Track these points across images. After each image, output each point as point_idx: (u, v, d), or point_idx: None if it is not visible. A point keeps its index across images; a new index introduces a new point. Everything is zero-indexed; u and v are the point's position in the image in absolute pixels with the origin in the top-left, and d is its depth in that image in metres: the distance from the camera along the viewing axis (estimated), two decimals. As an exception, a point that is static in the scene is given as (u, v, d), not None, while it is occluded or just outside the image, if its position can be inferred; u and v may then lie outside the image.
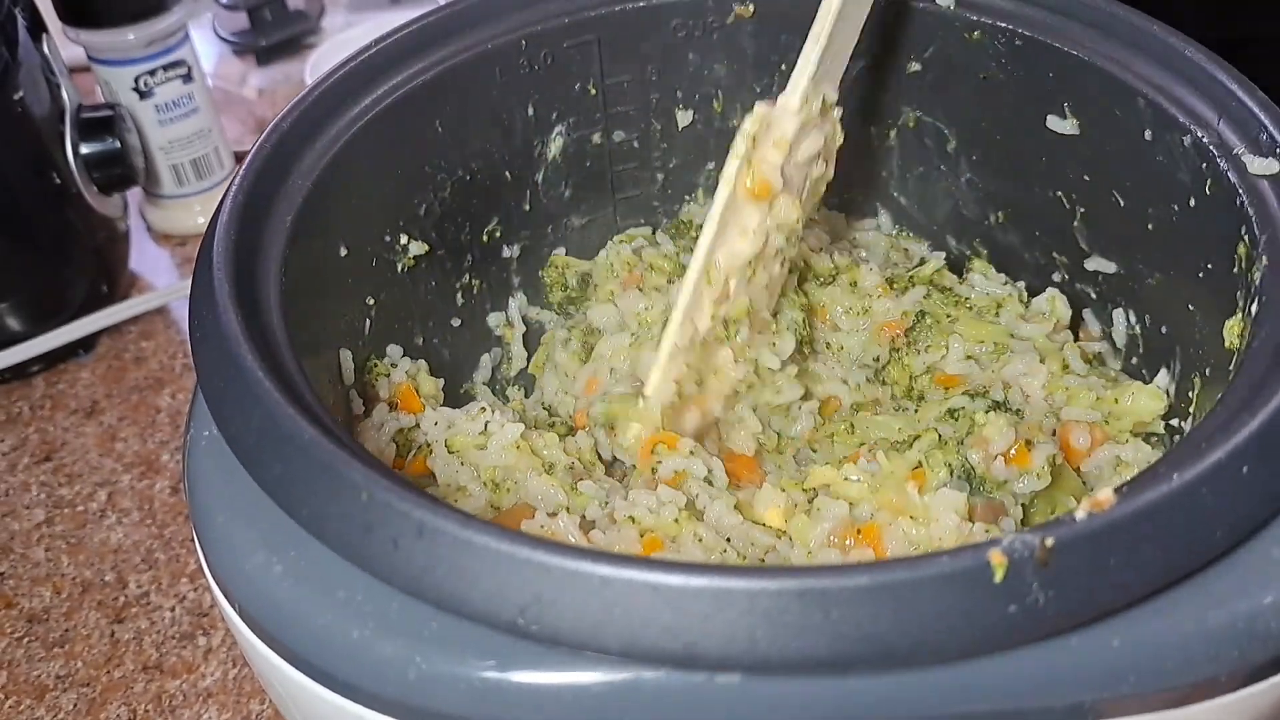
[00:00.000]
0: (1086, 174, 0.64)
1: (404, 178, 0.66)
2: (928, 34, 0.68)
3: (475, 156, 0.69)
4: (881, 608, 0.37)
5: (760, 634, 0.37)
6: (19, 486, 0.86)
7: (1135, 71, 0.59)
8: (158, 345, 0.97)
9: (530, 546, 0.38)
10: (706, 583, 0.37)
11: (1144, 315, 0.64)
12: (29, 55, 0.86)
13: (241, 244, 0.52)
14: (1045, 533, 0.37)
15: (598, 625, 0.38)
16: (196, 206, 1.08)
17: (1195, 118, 0.56)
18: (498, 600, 0.38)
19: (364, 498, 0.41)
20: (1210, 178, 0.55)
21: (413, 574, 0.40)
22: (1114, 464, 0.59)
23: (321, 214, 0.58)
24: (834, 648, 0.37)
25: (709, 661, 0.37)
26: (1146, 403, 0.58)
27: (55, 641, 0.75)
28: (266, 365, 0.46)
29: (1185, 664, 0.39)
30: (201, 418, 0.49)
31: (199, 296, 0.50)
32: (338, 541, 0.41)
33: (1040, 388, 0.62)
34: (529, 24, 0.67)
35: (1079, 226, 0.66)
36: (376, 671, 0.41)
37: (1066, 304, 0.67)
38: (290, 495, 0.43)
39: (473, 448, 0.59)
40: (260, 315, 0.49)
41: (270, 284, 0.52)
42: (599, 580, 0.38)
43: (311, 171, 0.58)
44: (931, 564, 0.37)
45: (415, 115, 0.64)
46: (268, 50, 1.33)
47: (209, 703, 0.71)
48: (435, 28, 0.65)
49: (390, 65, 0.63)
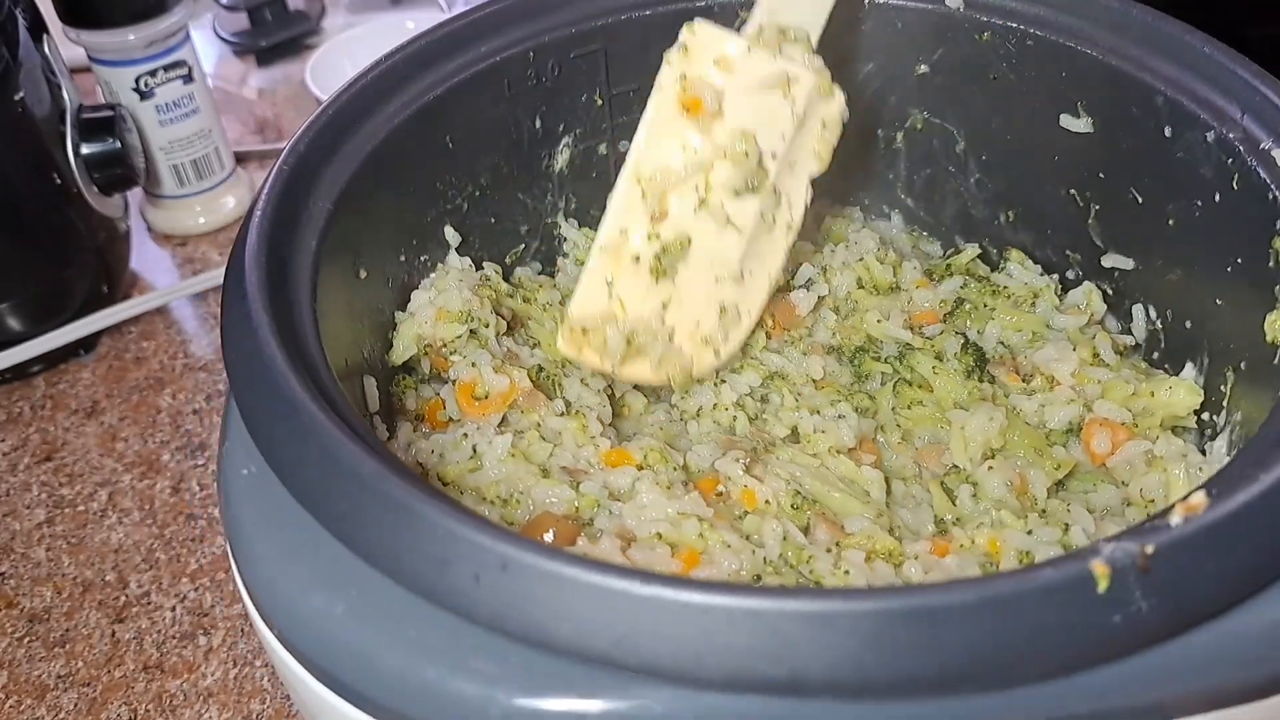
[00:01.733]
0: (1101, 172, 0.65)
1: (417, 195, 0.64)
2: (936, 36, 0.68)
3: (485, 172, 0.68)
4: (987, 624, 0.36)
5: (866, 657, 0.36)
6: (20, 486, 0.85)
7: (1151, 69, 0.60)
8: (158, 345, 0.96)
9: (624, 578, 0.37)
10: (809, 606, 0.36)
11: (1165, 311, 0.64)
12: (30, 55, 0.85)
13: (272, 271, 0.50)
14: (1144, 539, 0.37)
15: (698, 654, 0.37)
16: (197, 207, 1.06)
17: (1217, 113, 0.57)
18: (590, 633, 0.37)
19: (440, 533, 0.39)
20: (1237, 173, 0.55)
21: (497, 609, 0.38)
22: (1146, 459, 0.59)
23: (343, 237, 0.56)
24: (941, 667, 0.36)
25: (815, 687, 0.36)
26: (1183, 397, 0.59)
27: (56, 641, 0.75)
28: (318, 399, 0.44)
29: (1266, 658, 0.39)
30: (237, 454, 0.48)
31: (235, 331, 0.48)
32: (412, 579, 0.40)
33: (1070, 374, 0.62)
34: (536, 36, 0.66)
35: (1093, 224, 0.67)
36: (456, 711, 0.39)
37: (1101, 298, 0.68)
38: (358, 534, 0.41)
39: (466, 474, 0.58)
40: (301, 346, 0.48)
41: (304, 313, 0.50)
42: (699, 609, 0.37)
43: (331, 194, 0.56)
44: (1036, 577, 0.37)
45: (426, 132, 0.63)
46: (268, 51, 1.32)
47: (210, 702, 0.70)
48: (443, 42, 0.64)
49: (400, 82, 0.62)
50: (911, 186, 0.75)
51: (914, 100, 0.71)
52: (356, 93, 0.60)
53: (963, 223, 0.75)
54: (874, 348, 0.66)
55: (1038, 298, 0.68)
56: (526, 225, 0.72)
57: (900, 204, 0.76)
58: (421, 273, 0.66)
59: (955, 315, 0.68)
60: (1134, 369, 0.64)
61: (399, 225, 0.63)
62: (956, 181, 0.73)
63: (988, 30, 0.66)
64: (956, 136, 0.71)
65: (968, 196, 0.73)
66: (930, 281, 0.70)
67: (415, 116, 0.62)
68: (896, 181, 0.75)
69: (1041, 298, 0.68)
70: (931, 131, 0.72)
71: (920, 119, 0.72)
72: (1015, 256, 0.71)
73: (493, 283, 0.67)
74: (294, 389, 0.44)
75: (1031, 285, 0.68)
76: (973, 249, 0.72)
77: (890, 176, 0.75)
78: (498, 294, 0.67)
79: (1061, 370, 0.62)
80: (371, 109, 0.60)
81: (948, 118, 0.71)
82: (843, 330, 0.68)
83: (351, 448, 0.42)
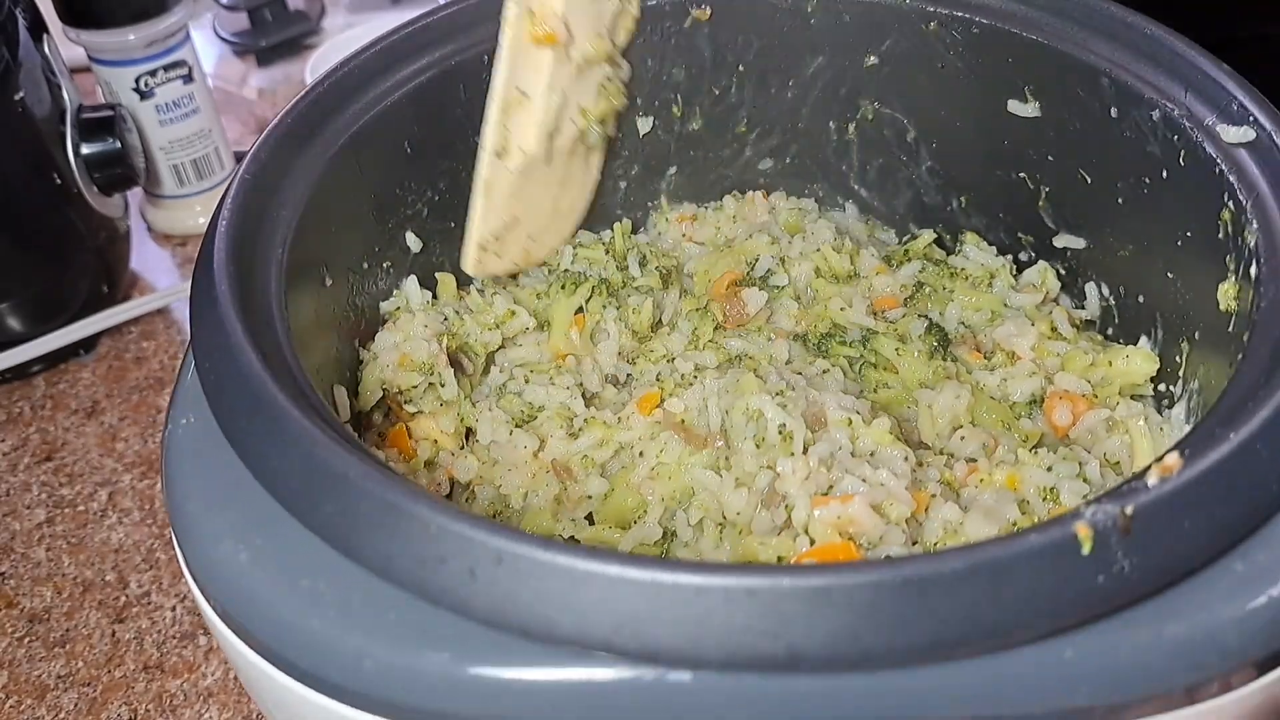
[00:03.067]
0: (1050, 154, 0.66)
1: (377, 203, 0.64)
2: (884, 27, 0.69)
3: (443, 176, 0.68)
4: (978, 590, 0.37)
5: (862, 628, 0.37)
6: (20, 486, 0.85)
7: (1095, 52, 0.61)
8: (158, 345, 0.96)
9: (619, 563, 0.38)
10: (804, 583, 0.37)
11: (1117, 287, 0.66)
12: (30, 55, 0.84)
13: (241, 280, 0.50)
14: (1122, 501, 0.38)
15: (697, 637, 0.37)
16: (197, 207, 1.06)
17: (1161, 92, 0.58)
18: (589, 621, 0.38)
19: (432, 530, 0.39)
20: (1183, 149, 0.57)
21: (493, 603, 0.39)
22: (1106, 424, 0.60)
23: (307, 245, 0.56)
24: (936, 634, 0.37)
25: (813, 662, 0.37)
26: (1140, 365, 0.60)
27: (56, 641, 0.74)
28: (299, 404, 0.44)
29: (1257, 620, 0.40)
30: (187, 479, 0.47)
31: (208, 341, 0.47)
32: (405, 577, 0.40)
33: (1029, 349, 0.63)
34: (490, 38, 0.66)
35: (1044, 205, 0.68)
36: (464, 700, 0.39)
37: (1055, 276, 0.69)
38: (347, 534, 0.41)
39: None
40: (277, 354, 0.48)
41: (276, 320, 0.50)
42: (694, 590, 0.37)
43: (294, 202, 0.56)
44: (1021, 542, 0.37)
45: (384, 138, 0.63)
46: (268, 51, 1.32)
47: (210, 702, 0.70)
48: (398, 47, 0.64)
49: (356, 88, 0.62)
50: (865, 176, 0.76)
51: (864, 91, 0.72)
52: (314, 99, 0.60)
53: (916, 210, 0.76)
54: (839, 333, 0.67)
55: (994, 278, 0.69)
56: (486, 229, 0.72)
57: (854, 194, 0.77)
58: (385, 279, 0.66)
59: (915, 299, 0.69)
60: (1091, 340, 0.65)
61: (361, 232, 0.63)
62: (909, 170, 0.74)
63: (934, 20, 0.67)
64: (907, 126, 0.72)
65: (920, 184, 0.74)
66: (889, 267, 0.71)
67: (372, 122, 0.62)
68: (850, 172, 0.76)
69: (998, 278, 0.69)
70: (882, 122, 0.73)
71: (871, 110, 0.73)
72: (970, 239, 0.72)
73: (450, 323, 0.67)
74: (273, 392, 0.44)
75: (988, 266, 0.70)
76: (928, 234, 0.73)
77: (844, 167, 0.76)
78: (457, 337, 0.66)
79: (1021, 345, 0.64)
80: (329, 115, 0.60)
81: (898, 107, 0.72)
82: (806, 318, 0.69)
83: (338, 450, 0.42)
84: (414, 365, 0.63)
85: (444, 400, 0.63)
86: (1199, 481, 0.39)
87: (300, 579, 0.41)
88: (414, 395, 0.63)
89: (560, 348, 0.67)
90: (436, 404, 0.63)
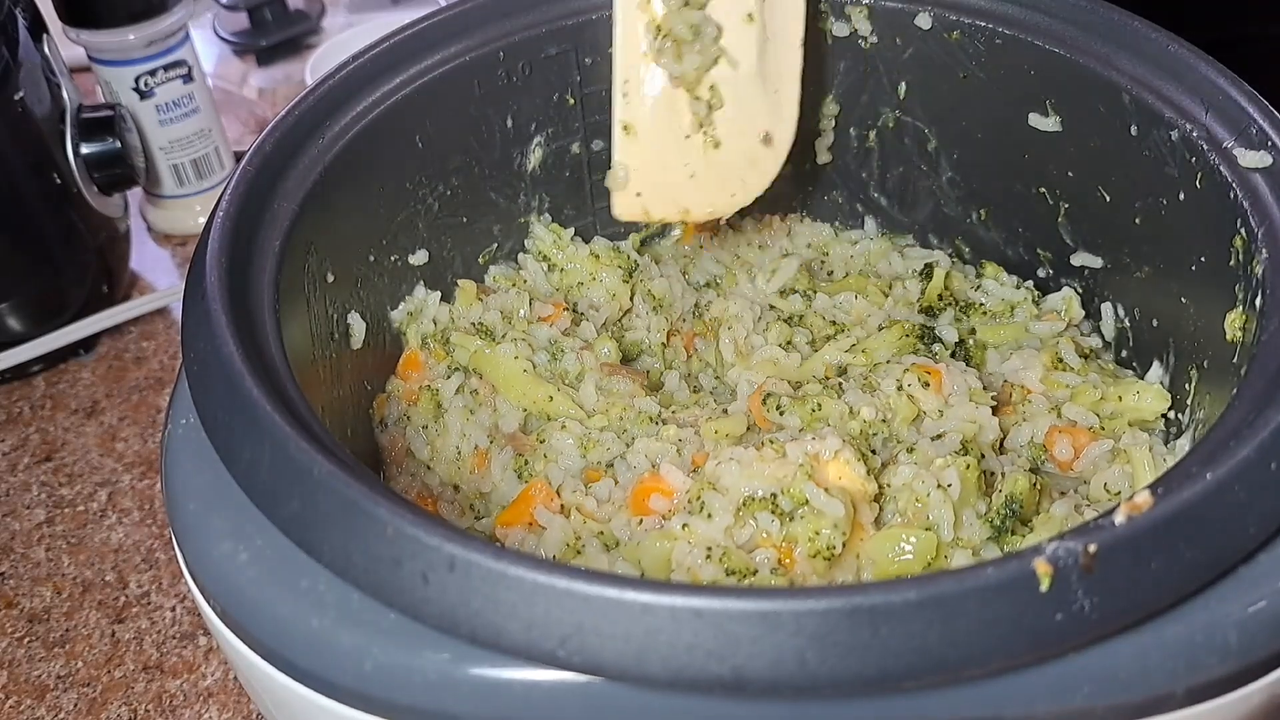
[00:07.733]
0: (1070, 170, 0.65)
1: (387, 195, 0.64)
2: (906, 36, 0.68)
3: (456, 171, 0.68)
4: (930, 622, 0.36)
5: (809, 655, 0.36)
6: (19, 486, 0.86)
7: (1118, 68, 0.60)
8: (158, 345, 0.97)
9: (569, 576, 0.37)
10: (752, 605, 0.36)
11: (1133, 309, 0.64)
12: (29, 55, 0.85)
13: (234, 272, 0.50)
14: (1087, 539, 0.37)
15: (641, 653, 0.37)
16: (197, 206, 1.07)
17: (1182, 112, 0.57)
18: (536, 632, 0.38)
19: (389, 532, 0.40)
20: (1201, 171, 0.55)
21: (445, 608, 0.39)
22: (1110, 455, 0.59)
23: (308, 238, 0.56)
24: (884, 665, 0.36)
25: (758, 686, 0.36)
26: (1151, 402, 0.59)
27: (56, 641, 0.75)
28: (273, 398, 0.44)
29: (1223, 655, 0.39)
30: (185, 486, 0.47)
31: (192, 331, 0.48)
32: (361, 577, 0.40)
33: (1038, 381, 0.62)
34: (507, 35, 0.66)
35: (1063, 222, 0.67)
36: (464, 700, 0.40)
37: (1079, 304, 0.68)
38: (307, 531, 0.41)
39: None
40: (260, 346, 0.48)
41: (265, 313, 0.50)
42: (640, 607, 0.37)
43: (296, 195, 0.56)
44: (978, 575, 0.37)
45: (395, 132, 0.63)
46: (268, 50, 1.32)
47: (209, 702, 0.70)
48: (412, 42, 0.64)
49: (369, 82, 0.62)
50: (885, 185, 0.75)
51: (886, 100, 0.71)
52: (324, 93, 0.60)
53: (937, 221, 0.75)
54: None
55: (1015, 309, 0.68)
56: (499, 225, 0.72)
57: (874, 204, 0.76)
58: (394, 279, 0.66)
59: (955, 356, 0.66)
60: (1101, 371, 0.64)
61: (368, 226, 0.63)
62: (930, 180, 0.73)
63: (957, 29, 0.66)
64: (928, 135, 0.71)
65: (941, 195, 0.73)
66: (923, 344, 0.66)
67: (384, 116, 0.62)
68: (870, 180, 0.75)
69: (1019, 309, 0.68)
70: (904, 130, 0.72)
71: (892, 118, 0.72)
72: (990, 271, 0.71)
73: (455, 343, 0.66)
74: (248, 387, 0.44)
75: (1008, 300, 0.69)
76: (943, 261, 0.72)
77: (864, 175, 0.75)
78: (465, 352, 0.66)
79: (1030, 378, 0.62)
80: (340, 109, 0.60)
81: (919, 116, 0.71)
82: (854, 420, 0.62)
83: (303, 445, 0.42)
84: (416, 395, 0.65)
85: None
86: (1169, 521, 0.38)
87: (300, 579, 0.42)
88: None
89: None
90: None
